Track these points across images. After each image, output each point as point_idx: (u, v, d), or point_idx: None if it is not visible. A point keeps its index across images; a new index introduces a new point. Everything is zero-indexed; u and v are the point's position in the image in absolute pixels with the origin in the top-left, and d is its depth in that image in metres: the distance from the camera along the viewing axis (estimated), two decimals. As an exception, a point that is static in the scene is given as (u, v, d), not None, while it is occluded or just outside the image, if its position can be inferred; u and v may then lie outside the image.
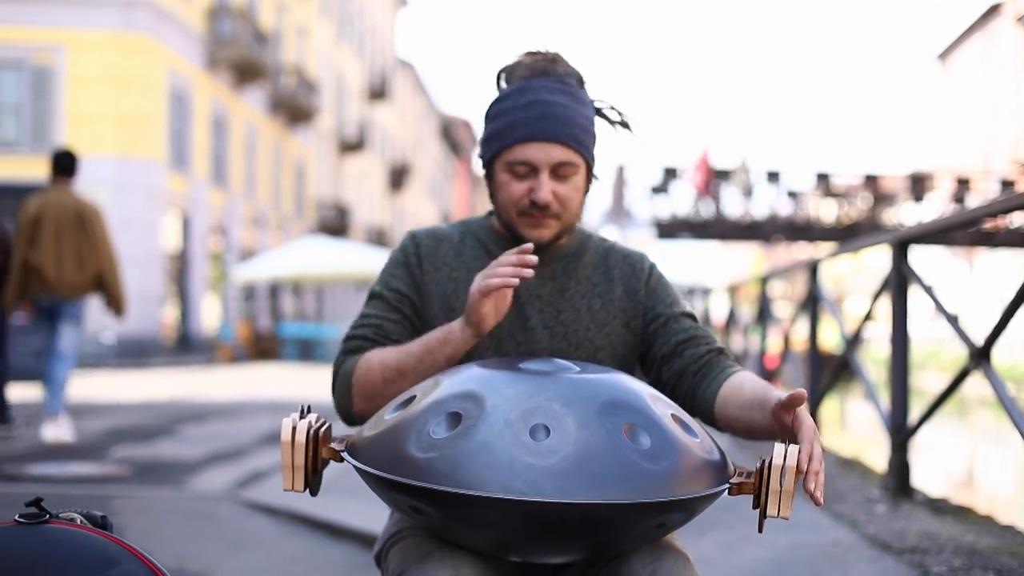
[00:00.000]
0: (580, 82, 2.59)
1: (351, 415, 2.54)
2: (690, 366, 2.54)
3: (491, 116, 2.56)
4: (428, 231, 2.71)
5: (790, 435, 2.12)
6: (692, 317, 2.66)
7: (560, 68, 2.55)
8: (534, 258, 2.31)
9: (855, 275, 75.79)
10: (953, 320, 6.01)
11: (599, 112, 2.64)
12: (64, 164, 9.98)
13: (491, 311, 2.36)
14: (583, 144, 2.51)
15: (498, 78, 2.60)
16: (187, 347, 33.70)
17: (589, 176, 2.59)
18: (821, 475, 2.01)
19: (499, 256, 2.53)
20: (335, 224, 50.17)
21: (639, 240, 35.56)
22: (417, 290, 2.62)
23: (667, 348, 2.58)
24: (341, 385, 2.55)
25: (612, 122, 2.67)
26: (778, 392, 2.21)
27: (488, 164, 2.58)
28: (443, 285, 2.61)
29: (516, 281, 2.28)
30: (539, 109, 2.47)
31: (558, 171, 2.49)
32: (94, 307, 17.56)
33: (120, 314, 10.26)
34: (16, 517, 2.20)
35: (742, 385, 2.39)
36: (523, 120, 2.48)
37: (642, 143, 2.71)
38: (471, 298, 2.33)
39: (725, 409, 2.41)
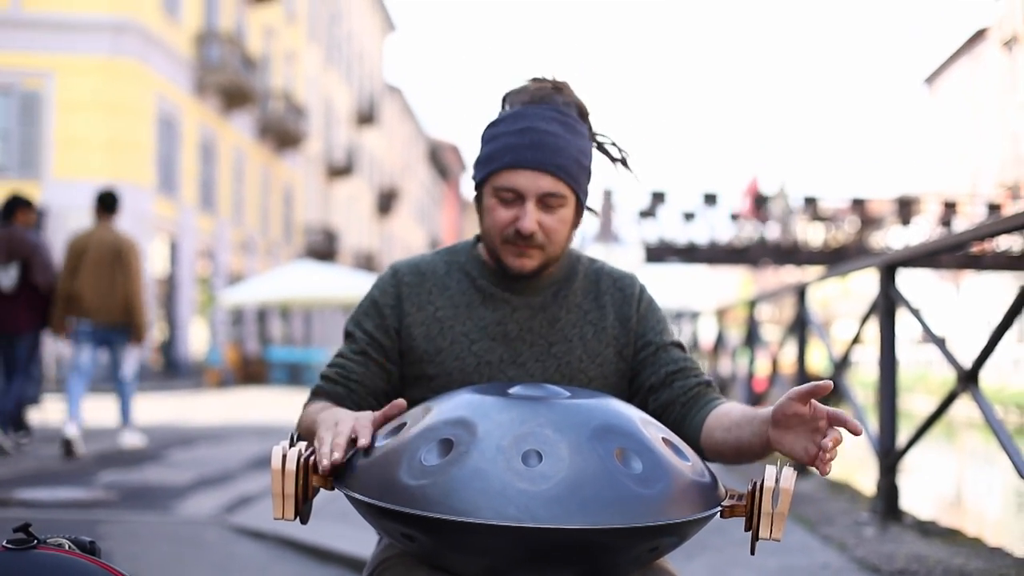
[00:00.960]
0: (582, 113, 2.53)
1: None
2: (679, 398, 2.52)
3: (485, 139, 2.50)
4: (411, 265, 2.64)
5: (794, 430, 2.12)
6: (681, 347, 2.63)
7: (563, 97, 2.49)
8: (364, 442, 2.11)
9: (842, 299, 76.01)
10: (941, 343, 6.03)
11: (600, 147, 2.59)
12: (107, 203, 11.31)
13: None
14: (573, 176, 2.44)
15: (503, 101, 2.54)
16: (175, 371, 33.65)
17: (579, 209, 2.52)
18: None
19: (487, 289, 2.56)
20: (323, 249, 50.18)
21: (626, 262, 35.54)
22: (387, 333, 2.56)
23: (656, 379, 2.56)
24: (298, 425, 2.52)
25: (612, 159, 2.61)
26: (767, 409, 2.20)
27: (478, 187, 2.52)
28: (428, 326, 2.55)
29: (324, 463, 2.08)
30: (531, 136, 2.41)
31: (545, 201, 2.43)
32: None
33: (139, 342, 11.47)
34: (4, 543, 2.20)
35: (730, 411, 2.39)
36: (514, 146, 2.42)
37: (638, 179, 2.67)
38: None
39: (712, 435, 2.40)
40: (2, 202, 11.26)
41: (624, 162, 2.62)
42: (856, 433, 2.06)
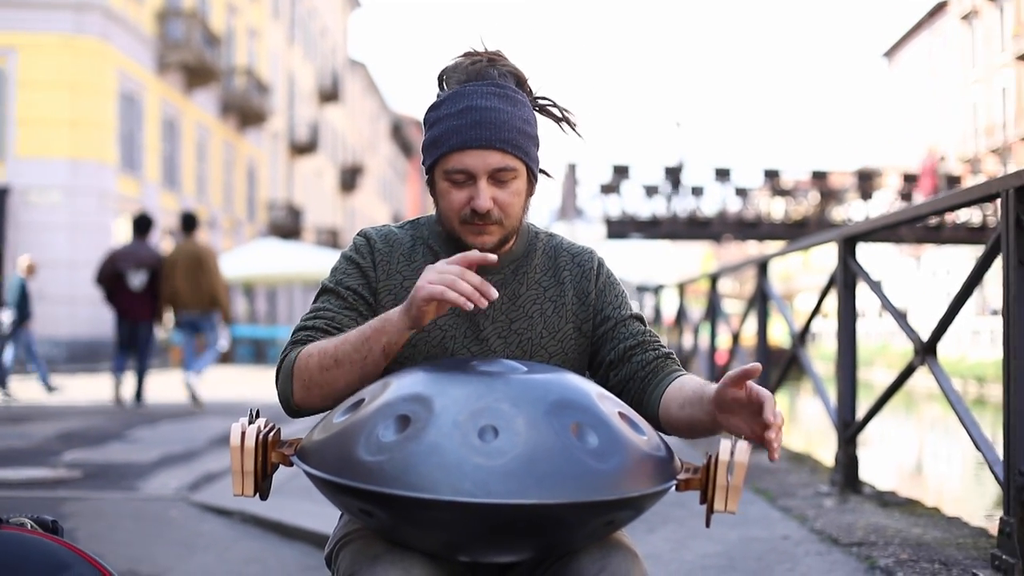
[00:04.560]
0: (519, 81, 2.54)
1: (291, 404, 2.45)
2: (637, 373, 2.53)
3: (428, 123, 2.51)
4: (381, 233, 2.63)
5: (738, 414, 2.15)
6: (640, 319, 2.64)
7: (498, 68, 2.51)
8: (494, 293, 2.22)
9: (805, 272, 76.22)
10: (899, 316, 6.07)
11: (543, 110, 2.60)
12: (189, 223, 15.05)
13: (432, 311, 2.27)
14: (520, 148, 2.45)
15: (440, 81, 2.55)
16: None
17: (531, 178, 2.54)
18: (781, 433, 2.07)
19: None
20: (287, 226, 49.97)
21: (589, 238, 35.44)
22: (371, 292, 2.56)
23: (615, 354, 2.57)
24: (284, 373, 2.46)
25: (556, 119, 2.62)
26: (714, 387, 2.22)
27: (429, 172, 2.53)
28: (396, 295, 2.54)
29: (470, 306, 2.20)
30: (473, 115, 2.42)
31: (497, 177, 2.44)
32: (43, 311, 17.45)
33: (228, 323, 15.35)
34: (-34, 522, 2.21)
35: (683, 386, 2.41)
36: (457, 127, 2.43)
37: (586, 139, 2.67)
38: (417, 294, 2.23)
39: (668, 410, 2.41)
40: (136, 223, 15.15)
41: (567, 120, 2.64)
42: (768, 424, 2.07)
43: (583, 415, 2.05)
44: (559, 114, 2.63)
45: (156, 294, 14.67)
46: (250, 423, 2.17)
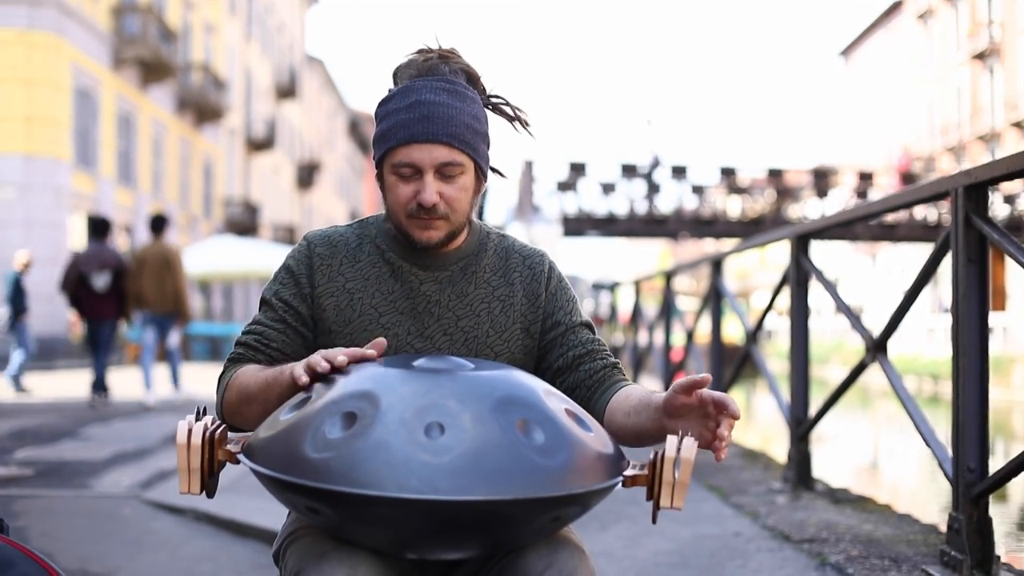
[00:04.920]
0: (471, 79, 2.56)
1: (224, 421, 2.46)
2: (585, 381, 2.56)
3: (378, 118, 2.54)
4: (324, 236, 2.65)
5: (688, 419, 2.20)
6: (590, 327, 2.66)
7: (451, 65, 2.52)
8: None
9: (761, 269, 76.54)
10: (851, 313, 6.10)
11: (495, 108, 2.62)
12: (157, 224, 14.96)
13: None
14: (467, 143, 2.46)
15: (393, 77, 2.57)
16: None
17: (479, 175, 2.54)
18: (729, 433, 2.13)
19: (396, 262, 2.57)
20: (244, 222, 49.78)
21: (545, 236, 35.42)
22: (304, 300, 2.57)
23: (564, 361, 2.59)
24: (219, 394, 2.52)
25: (508, 118, 2.64)
26: (661, 396, 2.27)
27: (378, 166, 2.55)
28: (337, 297, 2.56)
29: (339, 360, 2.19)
30: (421, 110, 2.44)
31: (443, 171, 2.45)
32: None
33: (184, 323, 14.99)
34: (-93, 523, 2.19)
35: (629, 395, 2.43)
36: (405, 121, 2.45)
37: (539, 138, 2.70)
38: (295, 371, 2.22)
39: (614, 418, 2.43)
40: (93, 226, 15.42)
41: (520, 119, 2.66)
42: (735, 418, 2.13)
43: (529, 411, 2.05)
44: (511, 113, 2.65)
45: (120, 294, 14.76)
46: (197, 420, 2.16)
